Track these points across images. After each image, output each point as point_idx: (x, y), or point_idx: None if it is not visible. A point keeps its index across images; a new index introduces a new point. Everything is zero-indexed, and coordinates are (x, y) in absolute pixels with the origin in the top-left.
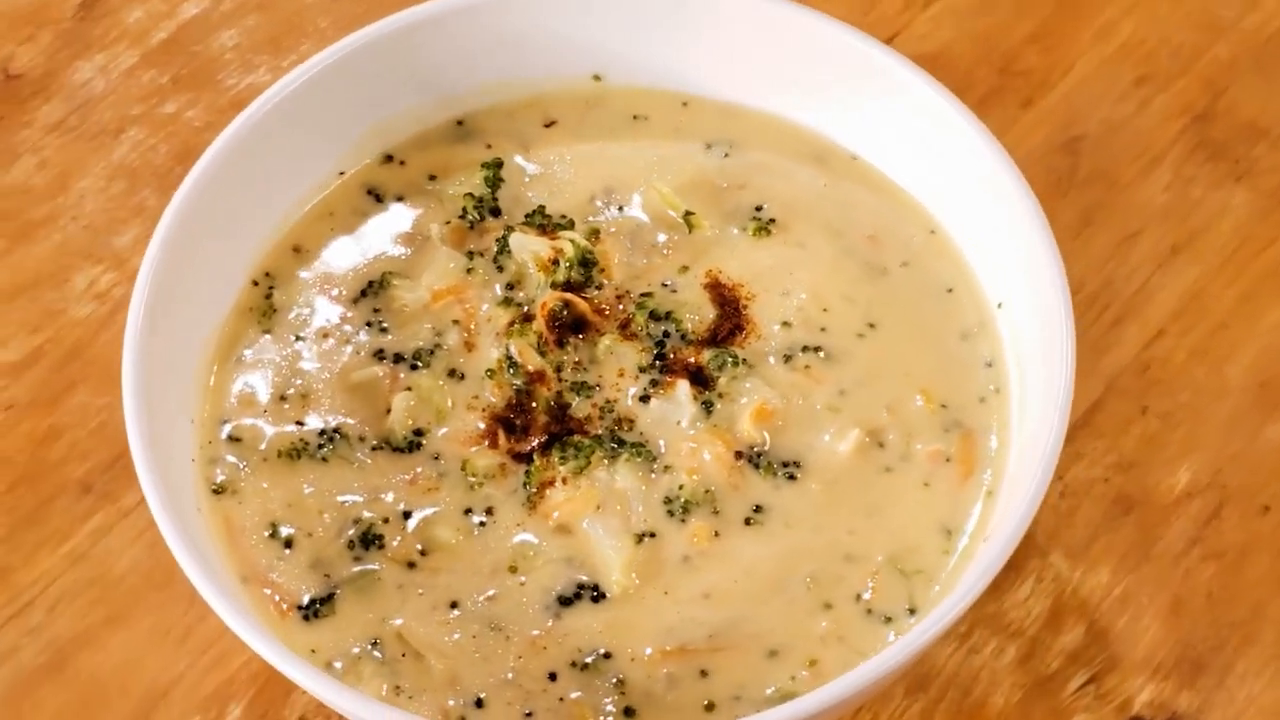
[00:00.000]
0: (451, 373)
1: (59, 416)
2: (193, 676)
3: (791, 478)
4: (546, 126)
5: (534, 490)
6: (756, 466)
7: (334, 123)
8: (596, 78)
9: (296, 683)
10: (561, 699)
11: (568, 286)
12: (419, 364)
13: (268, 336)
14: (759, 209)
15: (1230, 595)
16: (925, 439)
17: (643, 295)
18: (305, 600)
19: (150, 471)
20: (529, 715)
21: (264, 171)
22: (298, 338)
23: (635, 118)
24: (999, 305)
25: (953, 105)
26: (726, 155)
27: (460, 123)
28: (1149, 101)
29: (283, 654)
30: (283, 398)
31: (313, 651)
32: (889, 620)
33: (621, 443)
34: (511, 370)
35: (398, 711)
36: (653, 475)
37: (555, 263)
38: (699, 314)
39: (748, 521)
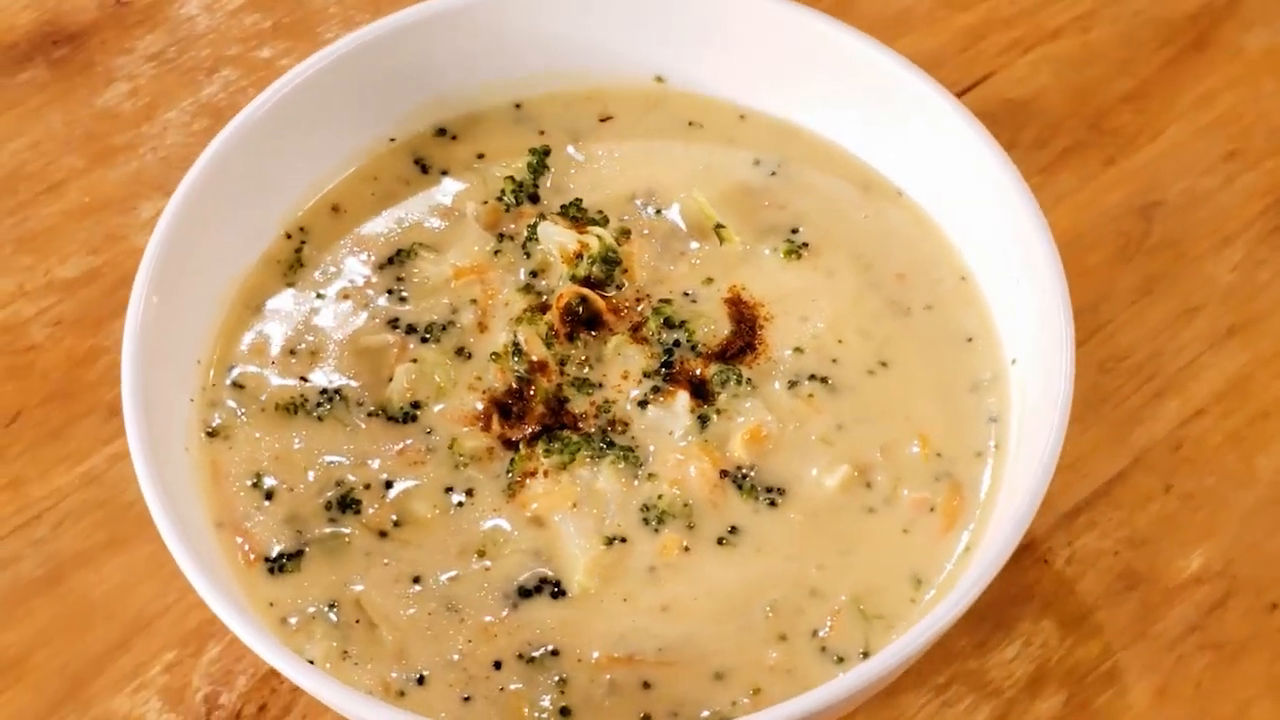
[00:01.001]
0: (460, 351)
1: (101, 339)
2: (178, 611)
3: (773, 504)
4: (602, 121)
5: (515, 478)
6: (740, 487)
7: (391, 89)
8: (659, 79)
9: (236, 634)
10: (502, 689)
11: (588, 282)
12: (429, 337)
13: (290, 290)
14: (795, 231)
15: (1220, 689)
16: (913, 485)
17: (661, 301)
18: (274, 553)
19: (136, 406)
20: (466, 699)
21: (314, 127)
22: (318, 295)
23: (691, 124)
24: (1013, 361)
25: (998, 158)
26: (773, 173)
27: (518, 106)
28: (1234, 178)
29: (225, 605)
30: (292, 352)
31: (270, 605)
32: (841, 660)
33: (611, 444)
34: (516, 357)
35: (332, 682)
36: (635, 481)
37: (579, 256)
38: (714, 328)
39: (721, 541)
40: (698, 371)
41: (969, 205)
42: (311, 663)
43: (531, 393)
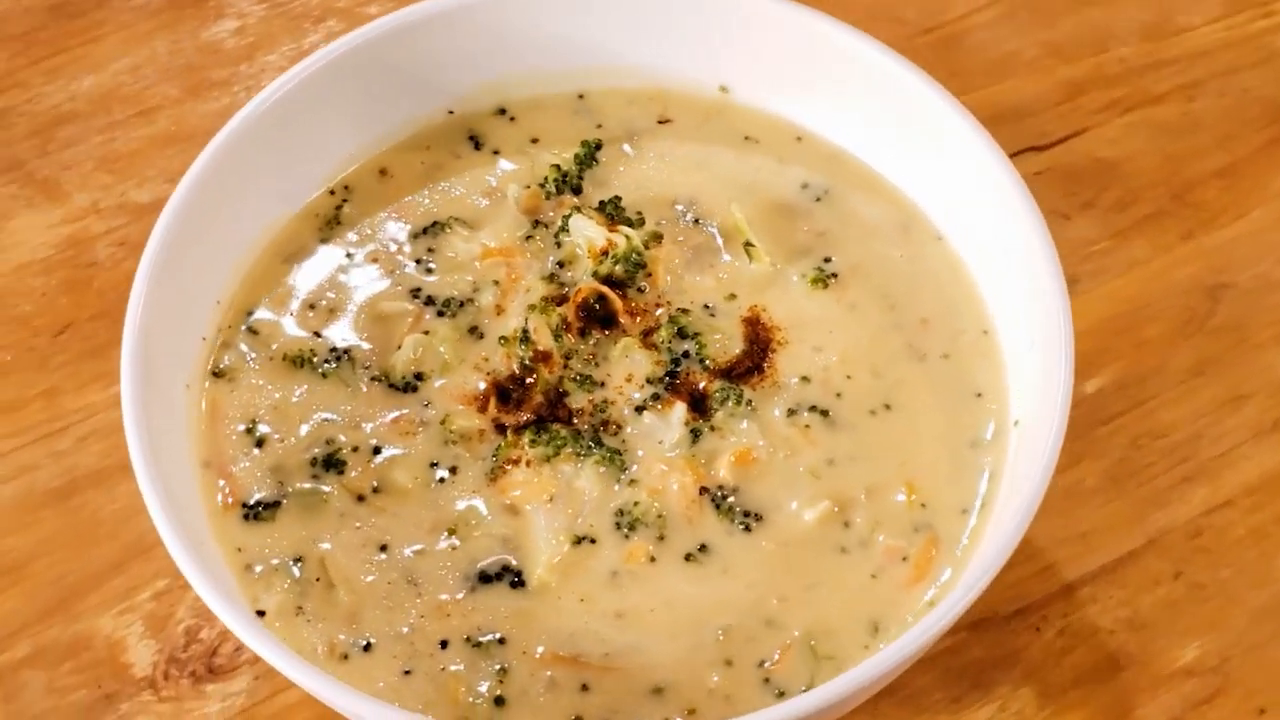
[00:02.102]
0: (473, 329)
1: None
2: None
3: (747, 529)
4: (660, 123)
5: (499, 464)
6: (718, 507)
7: (457, 63)
8: (723, 89)
9: (184, 575)
10: (443, 668)
11: (610, 280)
12: (445, 312)
13: (323, 245)
14: (827, 260)
15: None
16: (891, 532)
17: (680, 310)
18: (253, 500)
19: (137, 336)
20: (407, 673)
21: (374, 89)
22: (348, 255)
23: (747, 138)
24: (1015, 422)
25: (1036, 224)
26: (818, 199)
27: (581, 97)
28: None
29: (181, 548)
30: (312, 306)
31: (238, 550)
32: (781, 694)
33: (599, 444)
34: (523, 344)
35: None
36: (615, 485)
37: (605, 254)
38: (726, 344)
39: (688, 557)
40: (701, 385)
41: (1004, 261)
42: (262, 614)
43: (532, 381)
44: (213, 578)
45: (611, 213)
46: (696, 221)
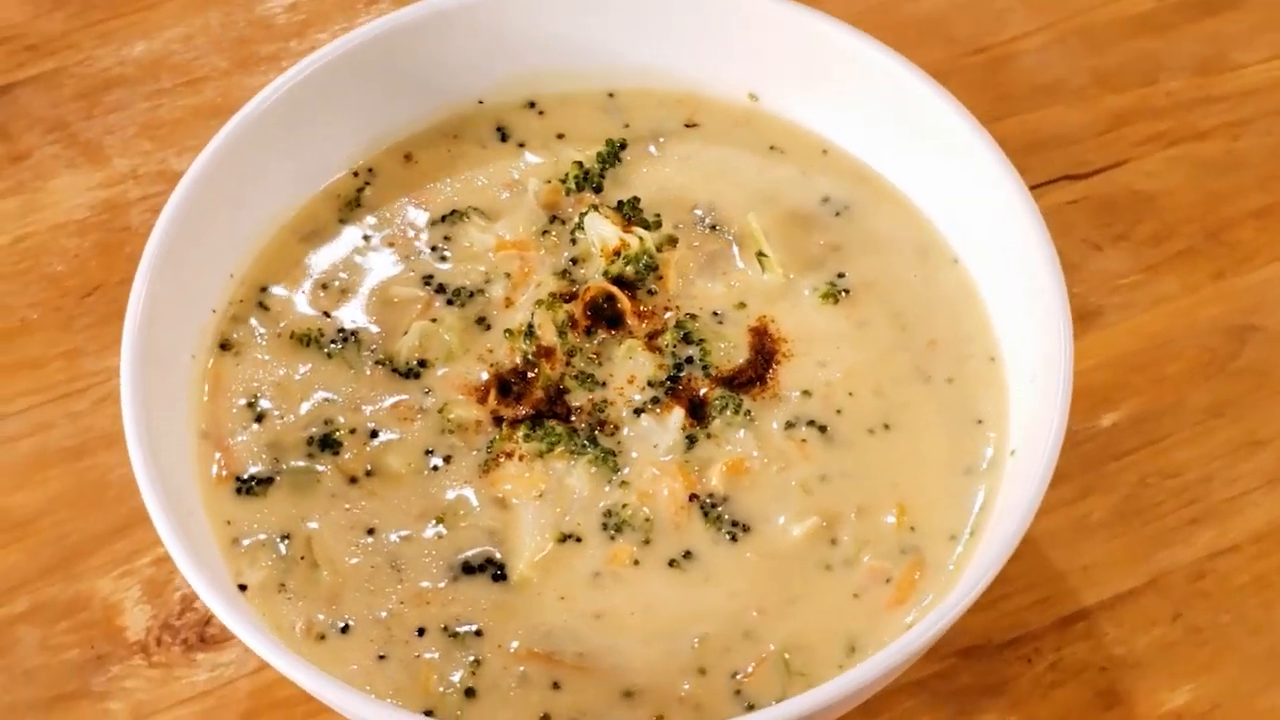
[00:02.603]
0: (480, 320)
1: None
2: None
3: (733, 538)
4: (687, 126)
5: (492, 456)
6: (706, 515)
7: (491, 53)
8: (753, 97)
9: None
10: (418, 656)
11: (621, 281)
12: (455, 301)
13: (342, 226)
14: (841, 275)
15: None
16: (877, 553)
17: (688, 315)
18: (246, 474)
19: (143, 302)
20: (382, 657)
21: (404, 74)
22: (365, 237)
23: (773, 148)
24: (1012, 452)
25: (1048, 259)
26: (838, 214)
27: (611, 95)
28: None
29: (168, 524)
30: (324, 286)
31: (227, 523)
32: (751, 708)
33: (594, 444)
34: (527, 338)
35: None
36: (606, 486)
37: (617, 254)
38: (730, 353)
39: (672, 563)
40: (702, 392)
41: (1016, 291)
42: (244, 588)
43: (534, 376)
44: (194, 549)
45: (628, 213)
46: (714, 228)
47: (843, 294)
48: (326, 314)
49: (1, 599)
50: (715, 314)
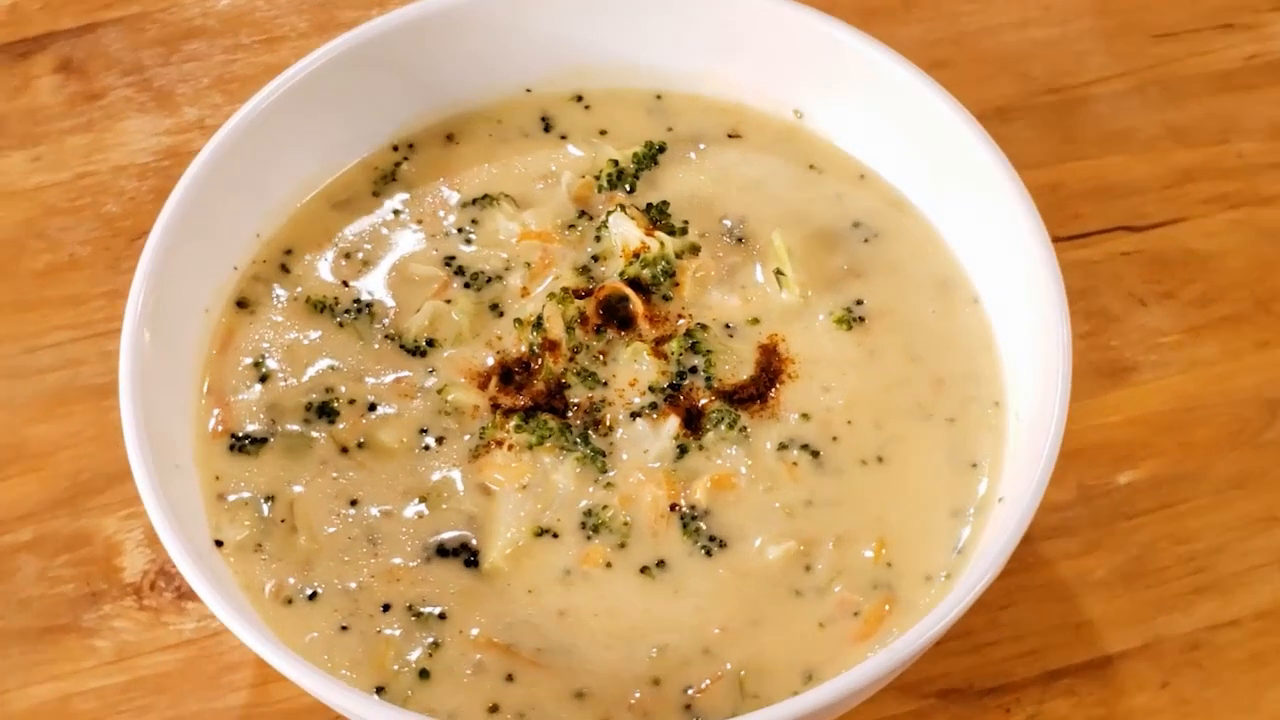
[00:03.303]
0: (494, 306)
1: None
2: None
3: (708, 553)
4: (730, 136)
5: (482, 442)
6: (684, 526)
7: (540, 43)
8: (797, 113)
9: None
10: (379, 631)
11: (637, 283)
12: (471, 285)
13: (375, 198)
14: (859, 302)
15: None
16: (849, 585)
17: (699, 325)
18: (243, 432)
19: (159, 251)
20: (344, 628)
21: (455, 55)
22: (395, 212)
23: (811, 166)
24: (1000, 499)
25: (1059, 313)
26: (866, 240)
27: (659, 97)
28: None
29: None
30: (348, 255)
31: (216, 478)
32: None
33: (585, 442)
34: (535, 330)
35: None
36: (590, 486)
37: (637, 256)
38: (736, 367)
39: (644, 570)
40: (701, 403)
41: (1026, 337)
42: (220, 543)
43: (537, 368)
44: (170, 501)
45: (655, 216)
46: (740, 240)
47: (857, 321)
48: (345, 283)
49: (9, 526)
50: (727, 326)
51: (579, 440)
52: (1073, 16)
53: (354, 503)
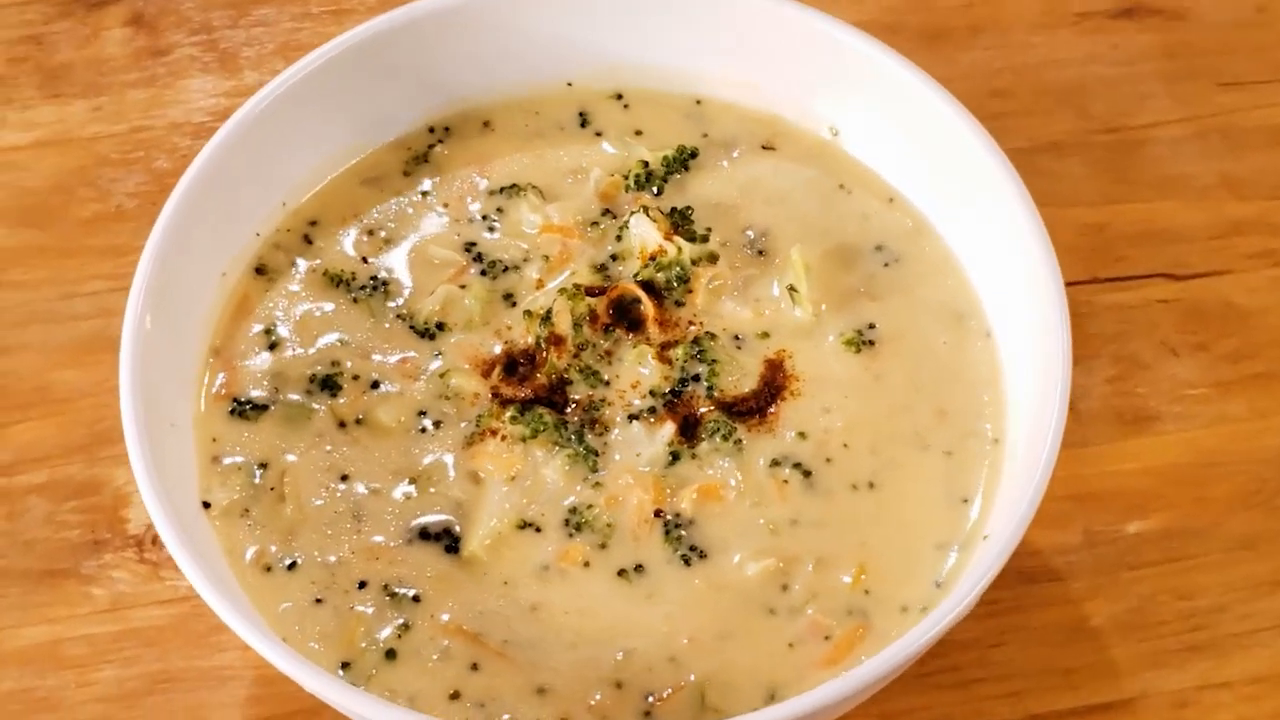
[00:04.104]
0: (507, 296)
1: None
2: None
3: (687, 562)
4: (764, 148)
5: (477, 430)
6: (667, 533)
7: (582, 39)
8: (834, 131)
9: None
10: (351, 607)
11: (651, 286)
12: (488, 272)
13: (405, 177)
14: (871, 326)
15: None
16: (823, 609)
17: (707, 333)
18: (245, 398)
19: (178, 207)
20: (318, 601)
21: (497, 44)
22: (423, 194)
23: (841, 186)
24: (985, 536)
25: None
26: (886, 265)
27: (698, 102)
28: None
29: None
30: (370, 232)
31: (213, 440)
32: None
33: (579, 440)
34: (543, 323)
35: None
36: (578, 484)
37: (653, 259)
38: (739, 380)
39: (621, 573)
40: (700, 412)
41: (1030, 377)
42: (208, 505)
43: (541, 361)
44: (159, 460)
45: (677, 221)
46: (760, 253)
47: (866, 344)
48: (365, 259)
49: (24, 467)
50: (736, 338)
51: (573, 437)
52: (1139, 57)
53: (345, 478)
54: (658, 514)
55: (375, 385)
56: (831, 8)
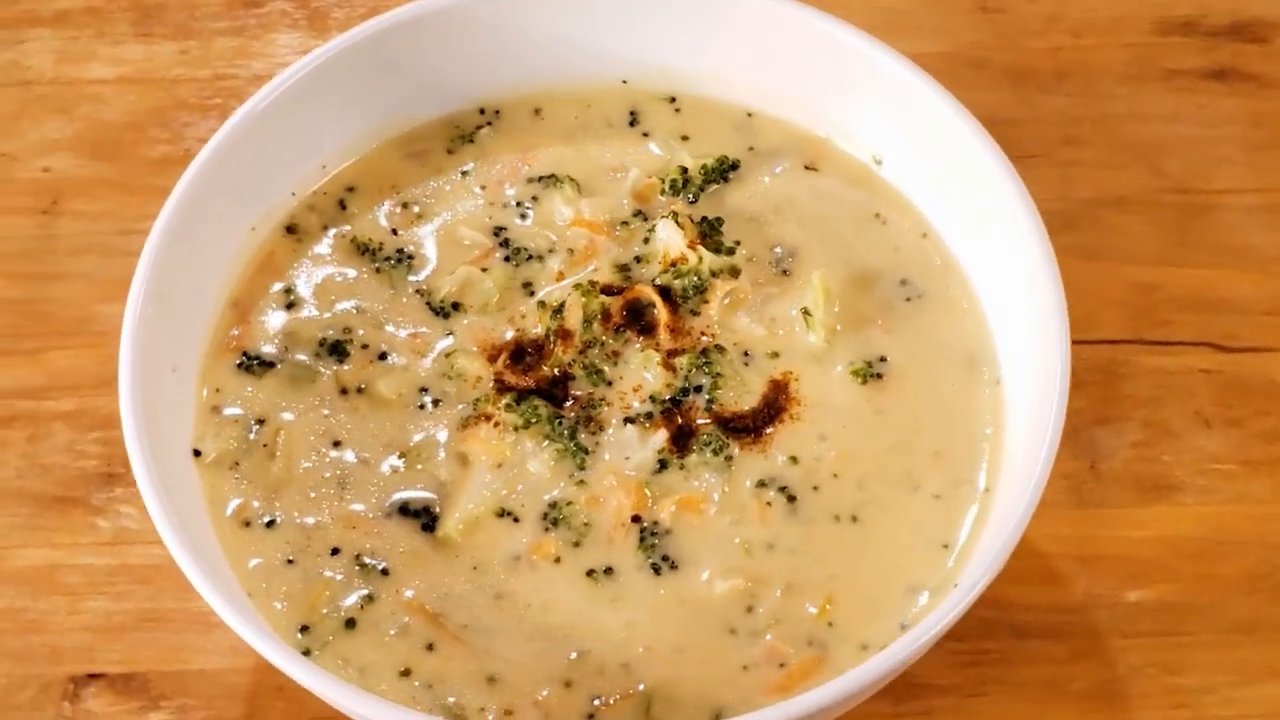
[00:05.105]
0: (526, 285)
1: None
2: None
3: (657, 571)
4: (806, 168)
5: (473, 414)
6: (641, 540)
7: (637, 41)
8: (876, 160)
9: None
10: (321, 572)
11: (667, 292)
12: (511, 259)
13: (448, 155)
14: (882, 359)
15: None
16: (783, 636)
17: (716, 346)
18: (255, 353)
19: (208, 160)
20: (289, 561)
21: (553, 34)
22: (463, 173)
23: (877, 215)
24: (955, 584)
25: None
26: (908, 300)
27: (750, 115)
28: None
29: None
30: (404, 205)
31: (216, 390)
32: None
33: (571, 436)
34: (553, 315)
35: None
36: (562, 481)
37: (674, 265)
38: (741, 396)
39: (590, 573)
40: (695, 423)
41: (1027, 429)
42: (198, 453)
43: (548, 353)
44: (149, 399)
45: (705, 230)
46: (785, 273)
47: (874, 377)
48: (395, 231)
49: (54, 393)
50: (745, 354)
51: (566, 433)
52: (1224, 121)
53: (337, 444)
54: (635, 519)
55: (383, 356)
56: (917, 38)
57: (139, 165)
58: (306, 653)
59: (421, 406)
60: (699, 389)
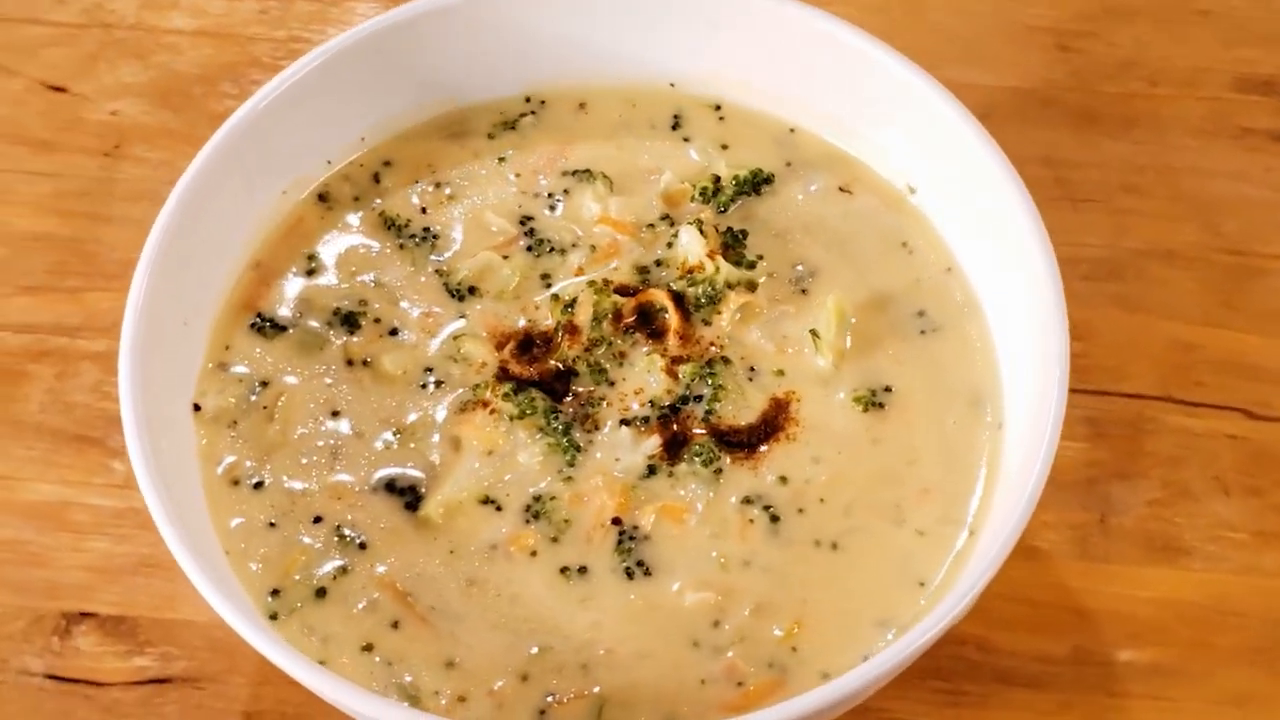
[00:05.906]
0: (544, 276)
1: None
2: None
3: (630, 575)
4: (840, 189)
5: (472, 399)
6: (619, 543)
7: (689, 46)
8: (910, 189)
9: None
10: (300, 538)
11: (681, 299)
12: (534, 249)
13: (488, 140)
14: (887, 389)
15: None
16: (745, 655)
17: (722, 358)
18: (270, 314)
19: (241, 124)
20: (272, 525)
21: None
22: (500, 159)
23: (904, 244)
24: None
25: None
26: (923, 332)
27: (792, 131)
28: None
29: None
30: (437, 185)
31: (226, 347)
32: None
33: (564, 432)
34: (564, 309)
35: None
36: (549, 476)
37: (691, 272)
38: (739, 411)
39: (563, 570)
40: (694, 431)
41: (1017, 473)
42: (198, 408)
43: (554, 347)
44: (149, 348)
45: (728, 241)
46: (803, 292)
47: (876, 406)
48: (424, 209)
49: (89, 333)
50: (751, 369)
51: (560, 428)
52: None
53: (335, 414)
54: (616, 522)
55: (394, 332)
56: (993, 70)
57: (204, 118)
58: (273, 617)
59: (424, 386)
60: (699, 398)
